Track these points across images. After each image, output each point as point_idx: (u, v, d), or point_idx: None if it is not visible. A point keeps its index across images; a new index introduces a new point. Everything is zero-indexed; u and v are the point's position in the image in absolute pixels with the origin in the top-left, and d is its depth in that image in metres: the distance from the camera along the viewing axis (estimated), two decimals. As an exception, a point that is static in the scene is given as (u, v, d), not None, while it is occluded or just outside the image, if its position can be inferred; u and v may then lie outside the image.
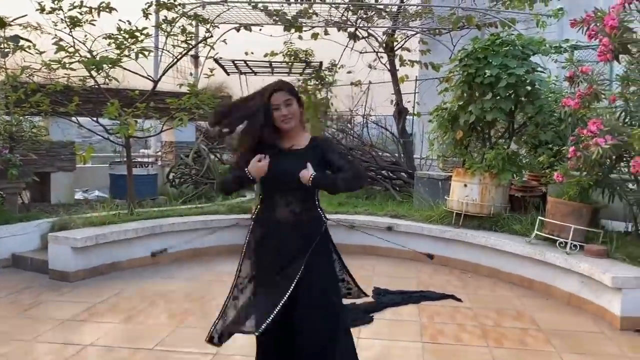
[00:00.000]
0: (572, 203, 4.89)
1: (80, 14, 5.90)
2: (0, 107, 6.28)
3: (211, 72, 6.90)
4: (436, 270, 5.82)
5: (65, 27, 5.95)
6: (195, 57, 9.48)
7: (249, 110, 2.58)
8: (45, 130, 7.49)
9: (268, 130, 2.55)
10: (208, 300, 4.69)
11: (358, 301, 4.58)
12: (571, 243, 4.80)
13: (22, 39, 6.07)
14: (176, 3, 6.61)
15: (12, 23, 6.06)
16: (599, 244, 4.86)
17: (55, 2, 5.81)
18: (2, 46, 6.03)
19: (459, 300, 4.82)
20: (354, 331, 3.95)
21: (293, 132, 2.62)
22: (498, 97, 5.80)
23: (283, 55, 10.05)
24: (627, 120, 5.00)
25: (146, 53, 6.15)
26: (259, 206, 2.69)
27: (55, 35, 5.94)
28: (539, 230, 5.13)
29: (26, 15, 6.16)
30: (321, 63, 9.97)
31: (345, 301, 2.79)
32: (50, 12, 5.86)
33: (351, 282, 2.81)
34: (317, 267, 2.55)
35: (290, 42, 9.97)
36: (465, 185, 5.87)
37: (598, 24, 4.81)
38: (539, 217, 5.18)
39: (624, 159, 4.90)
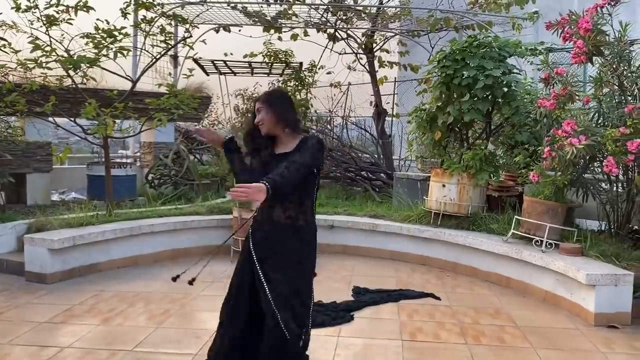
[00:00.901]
0: (548, 202, 4.99)
1: (57, 12, 5.83)
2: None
3: (190, 72, 6.87)
4: (415, 270, 5.88)
5: (41, 26, 5.87)
6: (175, 57, 9.42)
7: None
8: (21, 131, 7.37)
9: (253, 133, 2.76)
10: (188, 301, 4.67)
11: (338, 300, 4.65)
12: (547, 241, 4.89)
13: (-2, 37, 5.98)
14: (155, 3, 6.57)
15: (-14, 21, 5.97)
16: (573, 242, 4.96)
17: (31, 0, 5.74)
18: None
19: (437, 298, 4.88)
20: (335, 330, 4.01)
21: (282, 137, 2.74)
22: (475, 99, 5.88)
23: (263, 55, 10.04)
24: (600, 121, 5.13)
25: (125, 53, 6.09)
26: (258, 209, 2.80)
27: (32, 34, 5.86)
28: (515, 229, 5.22)
29: (1, 13, 6.08)
30: (301, 64, 10.00)
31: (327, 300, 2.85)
32: (26, 11, 5.78)
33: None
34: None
35: (270, 43, 9.97)
36: (444, 186, 5.95)
37: (572, 27, 4.94)
38: (516, 216, 5.27)
39: (597, 159, 5.02)
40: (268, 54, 10.03)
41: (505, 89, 5.99)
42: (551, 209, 4.98)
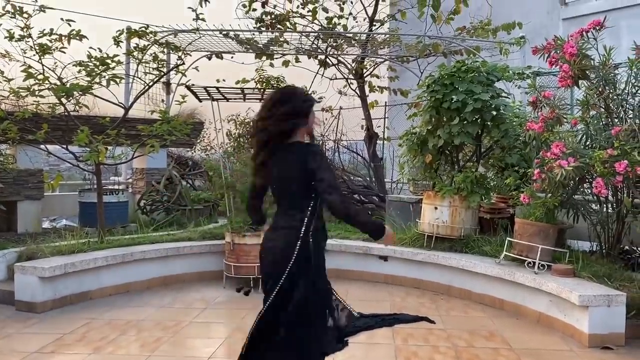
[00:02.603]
0: (539, 224, 5.02)
1: (50, 41, 5.87)
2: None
3: (183, 98, 6.90)
4: (409, 293, 5.87)
5: (34, 55, 5.91)
6: (167, 84, 9.46)
7: None
8: (12, 159, 7.35)
9: None
10: (180, 328, 4.63)
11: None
12: (539, 263, 4.91)
13: (-10, 66, 6.00)
14: (148, 31, 6.63)
15: (-21, 51, 6.00)
16: (565, 263, 4.99)
17: (24, 29, 5.79)
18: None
19: (432, 322, 4.81)
20: (329, 356, 3.97)
21: None
22: (465, 122, 5.95)
23: (255, 82, 10.13)
24: (588, 143, 5.20)
25: (117, 80, 6.13)
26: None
27: (24, 62, 5.89)
28: (507, 251, 5.24)
29: (-7, 43, 6.12)
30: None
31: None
32: (19, 40, 5.81)
33: None
34: None
35: (262, 69, 10.07)
36: (436, 208, 5.97)
37: (558, 52, 5.04)
38: (508, 238, 5.30)
39: (587, 180, 5.07)
40: (260, 80, 10.11)
41: (494, 113, 6.07)
42: (542, 231, 5.01)
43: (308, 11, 9.34)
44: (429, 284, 5.99)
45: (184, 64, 6.91)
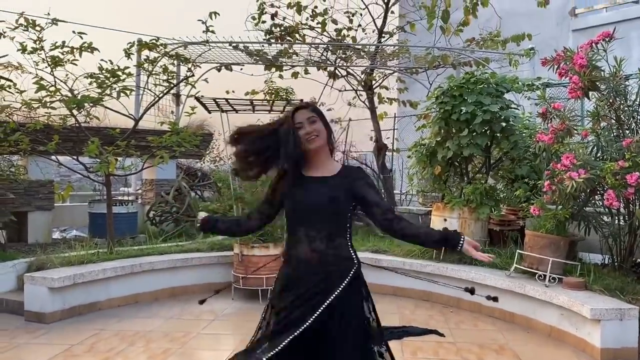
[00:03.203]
0: (550, 236, 4.98)
1: (62, 53, 5.94)
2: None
3: (192, 110, 6.95)
4: (418, 306, 5.82)
5: (46, 67, 5.97)
6: (177, 96, 9.53)
7: (272, 138, 2.36)
8: (23, 170, 7.41)
9: (298, 157, 2.35)
10: (189, 340, 4.62)
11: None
12: (550, 276, 4.86)
13: (3, 78, 6.07)
14: (158, 43, 6.69)
15: (-8, 63, 6.08)
16: (576, 276, 4.93)
17: (37, 42, 5.86)
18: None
19: (441, 335, 4.77)
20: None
21: (321, 157, 2.41)
22: (474, 133, 5.94)
23: (264, 93, 10.17)
24: (599, 154, 5.16)
25: (127, 92, 6.18)
26: (285, 243, 2.50)
27: (36, 74, 5.96)
28: (518, 263, 5.19)
29: (7, 55, 6.19)
30: (301, 101, 10.11)
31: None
32: (31, 52, 5.89)
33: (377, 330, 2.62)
34: (347, 316, 2.39)
35: (271, 81, 10.12)
36: (445, 220, 5.94)
37: (568, 63, 5.01)
38: (518, 251, 5.25)
39: (598, 192, 5.03)
40: (269, 91, 10.16)
41: (504, 124, 6.05)
42: (553, 243, 4.96)
43: (317, 23, 9.41)
44: (438, 297, 5.94)
45: (193, 75, 6.96)
